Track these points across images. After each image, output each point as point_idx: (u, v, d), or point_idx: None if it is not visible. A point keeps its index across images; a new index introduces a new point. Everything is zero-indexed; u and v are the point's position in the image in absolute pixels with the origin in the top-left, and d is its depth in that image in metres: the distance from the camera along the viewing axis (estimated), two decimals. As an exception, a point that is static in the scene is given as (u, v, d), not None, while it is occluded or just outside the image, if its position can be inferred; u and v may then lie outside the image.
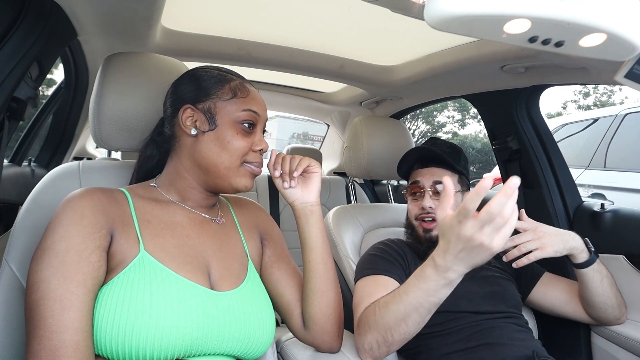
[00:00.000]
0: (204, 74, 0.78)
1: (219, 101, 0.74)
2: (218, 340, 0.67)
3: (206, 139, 0.73)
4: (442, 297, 0.75)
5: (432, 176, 1.14)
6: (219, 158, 0.73)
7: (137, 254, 0.65)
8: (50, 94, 1.94)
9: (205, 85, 0.75)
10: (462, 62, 1.25)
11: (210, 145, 0.73)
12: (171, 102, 0.77)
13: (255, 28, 1.31)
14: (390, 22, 1.13)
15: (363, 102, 2.00)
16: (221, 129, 0.73)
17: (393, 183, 2.29)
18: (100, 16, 0.98)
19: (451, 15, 0.54)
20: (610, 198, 2.72)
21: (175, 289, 0.64)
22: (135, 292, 0.61)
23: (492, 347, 0.97)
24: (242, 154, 0.74)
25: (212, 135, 0.73)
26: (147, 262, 0.65)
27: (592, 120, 3.33)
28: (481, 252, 0.65)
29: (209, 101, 0.74)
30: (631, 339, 1.09)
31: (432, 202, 1.12)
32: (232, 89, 0.76)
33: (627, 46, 0.60)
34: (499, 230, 0.62)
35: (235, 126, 0.74)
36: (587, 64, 1.03)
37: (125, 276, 0.62)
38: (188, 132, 0.73)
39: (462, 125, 16.89)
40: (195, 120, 0.74)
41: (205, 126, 0.73)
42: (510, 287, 1.14)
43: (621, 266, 1.17)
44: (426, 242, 1.13)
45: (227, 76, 0.78)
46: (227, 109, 0.74)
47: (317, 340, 0.84)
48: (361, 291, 1.04)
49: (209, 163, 0.74)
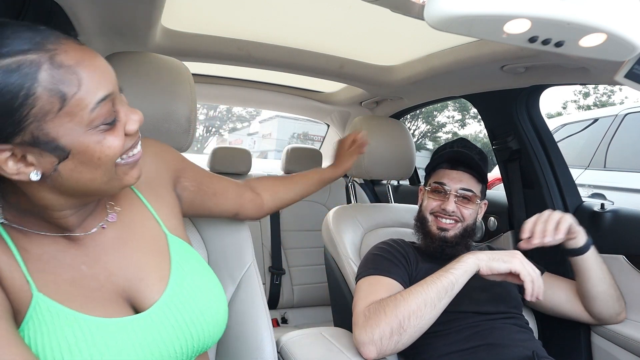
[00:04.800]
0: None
1: (44, 121, 0.46)
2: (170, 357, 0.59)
3: (63, 171, 0.50)
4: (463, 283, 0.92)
5: (460, 182, 1.14)
6: (95, 178, 0.52)
7: (30, 299, 0.52)
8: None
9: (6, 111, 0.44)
10: (462, 62, 1.25)
11: (76, 174, 0.51)
12: None
13: (255, 28, 1.31)
14: (390, 22, 1.13)
15: (363, 102, 2.00)
16: (78, 151, 0.49)
17: (393, 183, 2.29)
18: (100, 16, 0.98)
19: (451, 15, 0.54)
20: (610, 198, 2.72)
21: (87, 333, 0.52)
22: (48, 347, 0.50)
23: (492, 347, 0.97)
24: (118, 155, 0.53)
25: (69, 165, 0.49)
26: (44, 307, 0.52)
27: (592, 120, 3.33)
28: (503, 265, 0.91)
29: (29, 129, 0.46)
30: (631, 339, 1.09)
31: (454, 207, 1.12)
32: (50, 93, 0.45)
33: (627, 46, 0.60)
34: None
35: (93, 134, 0.49)
36: (587, 64, 1.03)
37: (29, 326, 0.51)
38: (24, 179, 0.48)
39: (462, 125, 16.89)
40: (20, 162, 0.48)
41: (49, 159, 0.48)
42: (511, 288, 1.14)
43: (621, 266, 1.17)
44: (439, 240, 1.13)
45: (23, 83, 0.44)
46: (68, 122, 0.47)
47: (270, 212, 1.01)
48: (363, 290, 1.04)
49: (88, 189, 0.53)
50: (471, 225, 1.15)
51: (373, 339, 0.88)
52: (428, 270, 1.10)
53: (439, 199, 1.16)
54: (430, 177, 1.22)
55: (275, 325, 2.14)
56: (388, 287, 1.04)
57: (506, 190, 1.53)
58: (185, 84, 0.93)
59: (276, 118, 21.34)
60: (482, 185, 1.17)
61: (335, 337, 1.02)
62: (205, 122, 21.16)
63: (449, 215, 1.13)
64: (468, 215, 1.13)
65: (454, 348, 0.99)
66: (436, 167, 1.21)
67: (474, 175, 1.15)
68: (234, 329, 0.86)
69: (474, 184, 1.15)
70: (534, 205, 1.41)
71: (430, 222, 1.16)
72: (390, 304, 0.91)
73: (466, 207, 1.13)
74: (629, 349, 1.10)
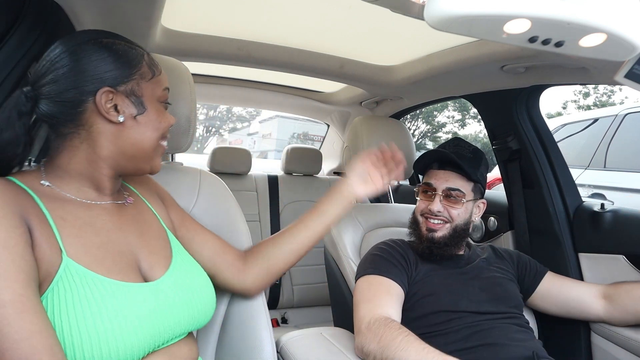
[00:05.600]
0: (117, 47, 0.66)
1: (142, 81, 0.67)
2: (170, 329, 0.65)
3: (135, 125, 0.66)
4: None
5: (446, 181, 1.13)
6: (149, 141, 0.68)
7: (60, 263, 0.57)
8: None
9: (125, 62, 0.66)
10: (462, 62, 1.25)
11: (141, 130, 0.67)
12: (74, 82, 0.62)
13: (255, 28, 1.31)
14: (390, 22, 1.13)
15: (363, 102, 2.00)
16: (149, 112, 0.68)
17: (393, 183, 2.29)
18: (100, 16, 0.98)
19: (451, 15, 0.54)
20: (610, 198, 2.72)
21: (110, 296, 0.58)
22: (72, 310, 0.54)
23: (492, 347, 0.97)
24: (163, 133, 0.71)
25: (142, 120, 0.67)
26: (74, 272, 0.57)
27: (592, 120, 3.33)
28: None
29: (132, 82, 0.66)
30: (631, 339, 1.09)
31: (440, 207, 1.12)
32: (149, 67, 0.69)
33: (627, 46, 0.60)
34: None
35: (158, 107, 0.70)
36: (587, 64, 1.03)
37: (54, 294, 0.55)
38: (112, 119, 0.64)
39: (462, 125, 16.88)
40: (116, 105, 0.64)
41: (131, 110, 0.66)
42: (512, 287, 1.14)
43: (621, 266, 1.17)
44: (427, 241, 1.12)
45: (138, 50, 0.69)
46: (151, 89, 0.68)
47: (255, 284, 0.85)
48: (363, 290, 1.04)
49: (139, 148, 0.68)
50: (462, 226, 1.13)
51: (364, 352, 0.92)
52: (428, 271, 1.11)
53: (427, 199, 1.16)
54: (422, 178, 1.22)
55: (275, 325, 2.14)
56: (387, 288, 1.04)
57: (506, 190, 1.53)
58: (185, 84, 0.93)
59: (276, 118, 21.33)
60: (475, 184, 1.15)
61: (335, 337, 1.02)
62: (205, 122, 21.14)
63: (435, 216, 1.12)
64: (456, 216, 1.12)
65: (454, 347, 0.98)
66: (427, 168, 1.21)
67: (463, 175, 1.13)
68: (233, 329, 0.87)
69: (462, 183, 1.13)
70: (534, 205, 1.41)
71: (421, 224, 1.16)
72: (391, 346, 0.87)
73: (454, 207, 1.12)
74: (629, 349, 1.10)
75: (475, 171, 1.13)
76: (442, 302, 1.04)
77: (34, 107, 0.63)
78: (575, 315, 1.15)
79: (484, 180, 1.19)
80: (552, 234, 1.34)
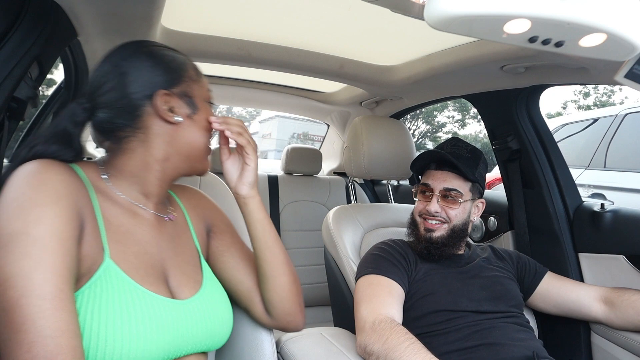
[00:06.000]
0: (165, 53, 0.71)
1: (191, 82, 0.71)
2: (186, 347, 0.66)
3: (189, 124, 0.70)
4: None
5: (443, 182, 1.13)
6: (203, 139, 0.72)
7: (101, 262, 0.59)
8: (50, 94, 1.94)
9: (174, 67, 0.70)
10: (462, 62, 1.25)
11: (195, 129, 0.70)
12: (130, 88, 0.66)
13: (255, 28, 1.31)
14: (390, 22, 1.13)
15: (363, 102, 2.00)
16: (201, 111, 0.71)
17: (393, 183, 2.29)
18: (100, 16, 0.98)
19: (451, 15, 0.54)
20: (610, 198, 2.72)
21: (142, 304, 0.60)
22: (104, 310, 0.56)
23: (492, 346, 0.97)
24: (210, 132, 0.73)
25: (197, 119, 0.71)
26: (112, 274, 0.59)
27: (592, 120, 3.33)
28: None
29: (183, 84, 0.70)
30: (631, 339, 1.09)
31: (437, 207, 1.12)
32: (194, 70, 0.74)
33: (627, 46, 0.60)
34: None
35: (207, 106, 0.73)
36: (587, 64, 1.03)
37: (92, 290, 0.56)
38: (169, 119, 0.67)
39: (462, 125, 16.88)
40: (172, 107, 0.68)
41: (185, 110, 0.69)
42: (512, 286, 1.14)
43: (621, 266, 1.17)
44: (425, 241, 1.13)
45: (182, 55, 0.74)
46: (199, 90, 0.72)
47: (282, 322, 0.82)
48: (363, 290, 1.04)
49: (193, 148, 0.71)
50: (460, 226, 1.13)
51: (366, 352, 0.92)
52: (427, 271, 1.11)
53: (425, 200, 1.16)
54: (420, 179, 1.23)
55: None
56: (388, 288, 1.04)
57: (506, 190, 1.53)
58: (185, 84, 0.92)
59: (276, 118, 21.33)
60: (474, 183, 1.15)
61: (335, 337, 1.02)
62: (205, 122, 21.09)
63: (433, 216, 1.13)
64: (454, 216, 1.12)
65: (454, 347, 0.99)
66: (424, 168, 1.21)
67: (460, 175, 1.13)
68: (234, 329, 0.86)
69: (459, 183, 1.13)
70: (534, 205, 1.41)
71: (419, 224, 1.16)
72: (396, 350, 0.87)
73: (451, 208, 1.12)
74: (629, 349, 1.10)
75: (473, 171, 1.13)
76: (442, 301, 1.04)
77: (89, 117, 0.67)
78: (574, 316, 1.15)
79: (483, 179, 1.19)
80: (552, 233, 1.34)
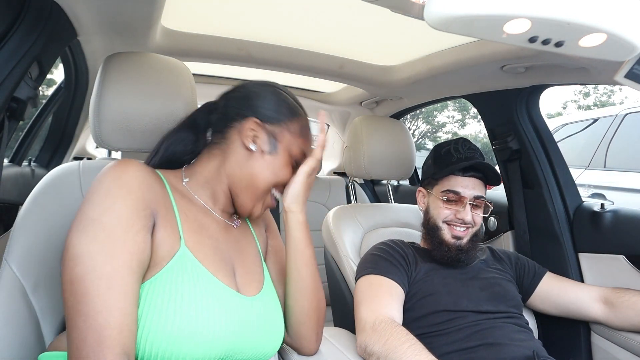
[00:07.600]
0: (284, 96, 0.78)
1: (286, 131, 0.75)
2: (250, 345, 0.67)
3: (261, 160, 0.73)
4: None
5: (473, 189, 1.12)
6: (265, 180, 0.73)
7: (177, 250, 0.63)
8: (50, 94, 1.94)
9: (281, 110, 0.75)
10: (462, 62, 1.25)
11: (263, 167, 0.73)
12: (238, 105, 0.75)
13: (255, 28, 1.31)
14: (390, 22, 1.13)
15: (363, 102, 2.00)
16: (279, 157, 0.74)
17: (393, 183, 2.29)
18: (100, 16, 0.98)
19: (451, 15, 0.54)
20: (610, 198, 2.72)
21: (215, 293, 0.63)
22: (180, 295, 0.59)
23: (492, 347, 0.97)
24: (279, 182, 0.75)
25: (268, 159, 0.73)
26: (188, 261, 0.63)
27: (592, 120, 3.33)
28: None
29: (278, 127, 0.74)
30: (631, 339, 1.09)
31: (471, 216, 1.11)
32: (301, 127, 0.77)
33: (627, 46, 0.60)
34: None
35: (288, 159, 0.75)
36: (587, 64, 1.03)
37: (168, 275, 0.60)
38: (246, 144, 0.72)
39: (462, 125, 16.88)
40: (256, 136, 0.72)
41: (265, 147, 0.73)
42: (511, 287, 1.14)
43: (621, 266, 1.17)
44: (455, 249, 1.11)
45: (300, 110, 0.79)
46: (290, 142, 0.75)
47: (295, 343, 0.82)
48: (364, 290, 1.04)
49: (253, 182, 0.73)
50: (479, 229, 1.16)
51: (366, 352, 0.91)
52: (427, 271, 1.11)
53: (454, 207, 1.12)
54: (437, 182, 1.16)
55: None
56: (388, 288, 1.04)
57: (506, 190, 1.53)
58: (186, 84, 0.92)
59: (276, 118, 21.22)
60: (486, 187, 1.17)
61: (335, 337, 1.02)
62: (205, 122, 21.10)
63: (465, 224, 1.12)
64: (479, 221, 1.14)
65: (454, 347, 0.99)
66: (446, 172, 1.15)
67: (482, 180, 1.14)
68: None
69: (482, 189, 1.14)
70: (534, 205, 1.41)
71: (444, 231, 1.13)
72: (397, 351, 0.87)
73: (478, 214, 1.13)
74: (629, 349, 1.10)
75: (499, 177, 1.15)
76: (442, 301, 1.04)
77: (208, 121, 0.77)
78: (574, 317, 1.15)
79: None
80: (552, 234, 1.34)
